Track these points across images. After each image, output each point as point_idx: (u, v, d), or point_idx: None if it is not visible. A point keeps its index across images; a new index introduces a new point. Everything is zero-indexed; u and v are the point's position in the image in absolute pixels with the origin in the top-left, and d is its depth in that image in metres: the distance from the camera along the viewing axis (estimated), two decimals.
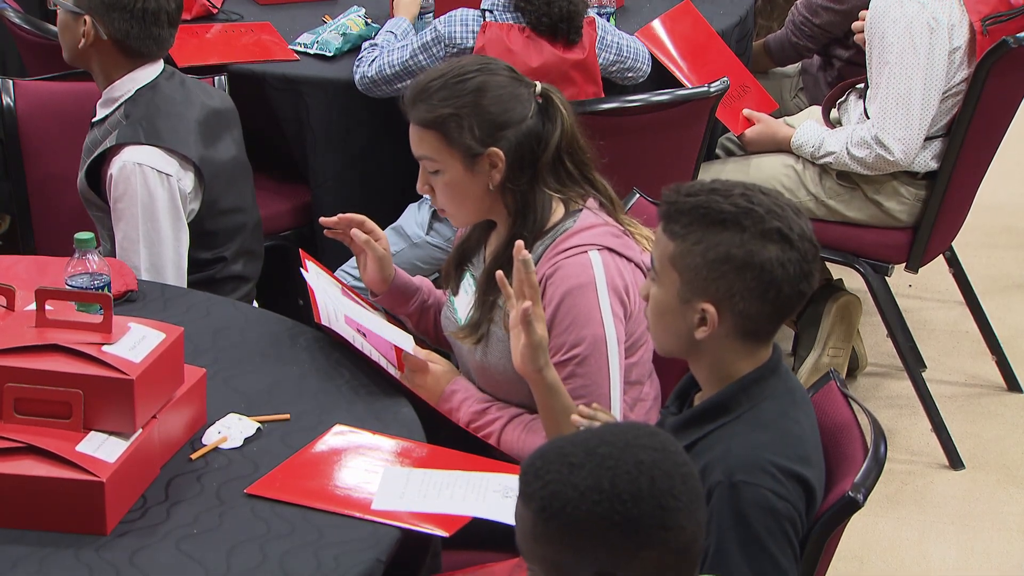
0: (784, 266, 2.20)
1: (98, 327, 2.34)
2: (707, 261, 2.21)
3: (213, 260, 3.35)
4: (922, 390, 4.14)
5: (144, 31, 3.23)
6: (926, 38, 3.82)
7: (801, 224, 2.23)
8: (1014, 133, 4.34)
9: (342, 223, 2.88)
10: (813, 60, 4.58)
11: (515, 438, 2.72)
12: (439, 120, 2.68)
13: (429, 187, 2.76)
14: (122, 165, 3.17)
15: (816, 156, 4.02)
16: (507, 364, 2.70)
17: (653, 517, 1.78)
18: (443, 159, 2.70)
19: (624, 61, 3.94)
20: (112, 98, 3.29)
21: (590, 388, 2.65)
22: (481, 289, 2.77)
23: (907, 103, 3.85)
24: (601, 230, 2.71)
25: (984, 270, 5.06)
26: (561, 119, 2.71)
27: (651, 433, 1.85)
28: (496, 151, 2.68)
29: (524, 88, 2.72)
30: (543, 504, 1.80)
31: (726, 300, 2.22)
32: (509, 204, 2.73)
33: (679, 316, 2.26)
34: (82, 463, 2.21)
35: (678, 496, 1.80)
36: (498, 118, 2.68)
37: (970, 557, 3.74)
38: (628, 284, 2.69)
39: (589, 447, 1.82)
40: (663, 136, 3.83)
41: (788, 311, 2.25)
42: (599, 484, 1.78)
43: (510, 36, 3.69)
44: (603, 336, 2.65)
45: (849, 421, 2.39)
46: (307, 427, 2.51)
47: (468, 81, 2.69)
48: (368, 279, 2.93)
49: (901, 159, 3.89)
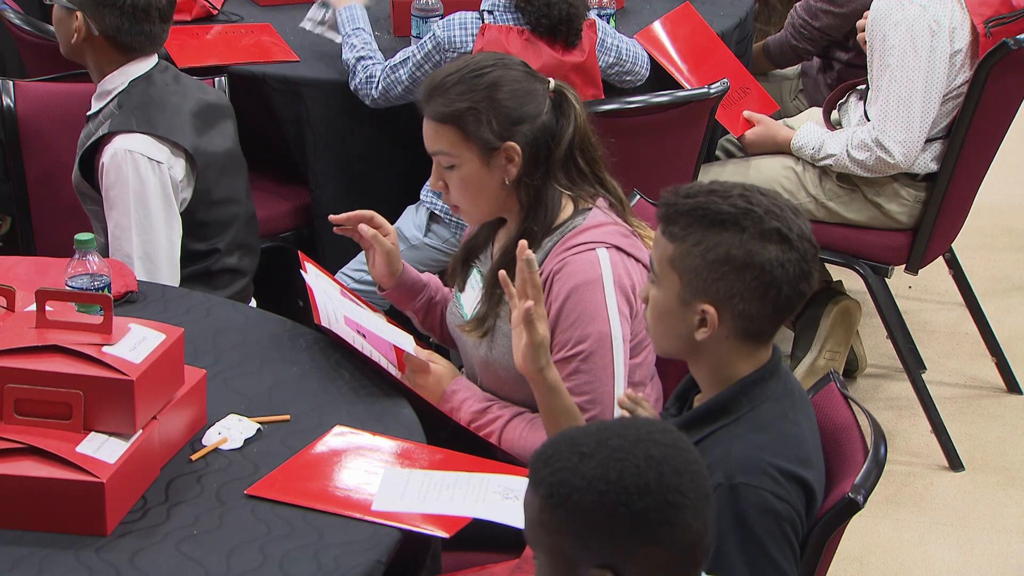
0: (784, 266, 2.20)
1: (98, 328, 2.34)
2: (707, 262, 2.21)
3: (207, 252, 3.35)
4: (922, 392, 4.14)
5: (135, 27, 3.24)
6: (927, 41, 3.82)
7: (800, 224, 2.23)
8: (1014, 135, 4.34)
9: (351, 220, 2.89)
10: (813, 62, 4.58)
11: (516, 436, 2.72)
12: (456, 114, 2.69)
13: (443, 183, 2.77)
14: (113, 153, 3.17)
15: (816, 158, 4.03)
16: (511, 360, 2.70)
17: (658, 512, 1.79)
18: (460, 153, 2.71)
19: (623, 64, 3.94)
20: (106, 91, 3.30)
21: (594, 385, 2.65)
22: (489, 283, 2.78)
23: (908, 106, 3.85)
24: (610, 228, 2.71)
25: (984, 272, 5.06)
26: (575, 116, 2.73)
27: (664, 429, 1.85)
28: (513, 145, 2.69)
29: (539, 84, 2.74)
30: (550, 491, 1.80)
31: (726, 301, 2.22)
32: (523, 200, 2.74)
33: (679, 318, 2.26)
34: (82, 464, 2.21)
35: (685, 493, 1.80)
36: (514, 112, 2.70)
37: (970, 558, 3.74)
38: (635, 283, 2.70)
39: (601, 438, 1.82)
40: (663, 137, 3.83)
41: (788, 311, 2.25)
42: (606, 475, 1.79)
43: (509, 38, 3.69)
44: (608, 333, 2.65)
45: (849, 422, 2.39)
46: (307, 428, 2.51)
47: (485, 76, 2.71)
48: (376, 274, 2.94)
49: (901, 162, 3.89)
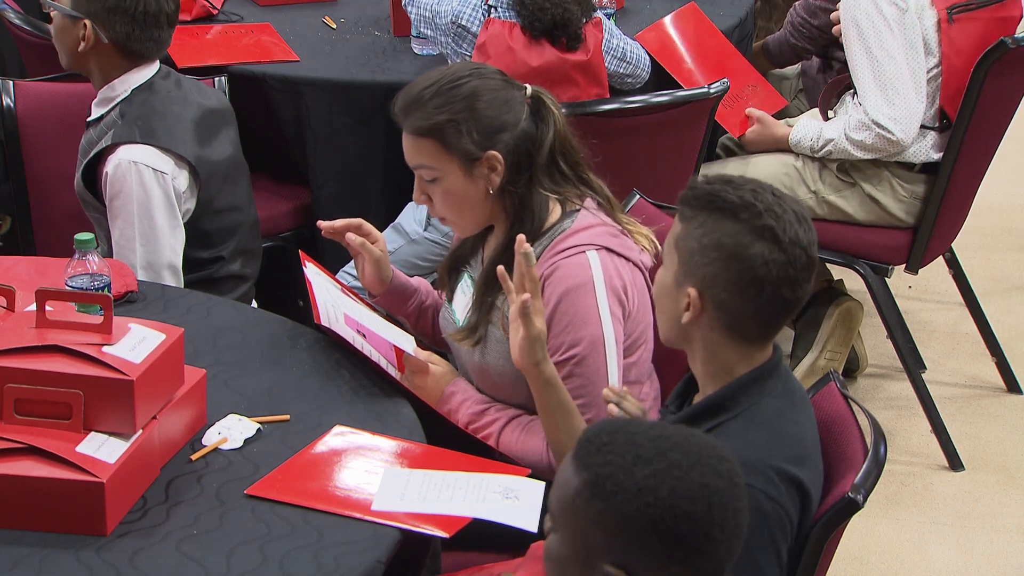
0: (767, 265, 2.20)
1: (98, 328, 2.34)
2: (700, 246, 2.23)
3: (211, 259, 3.35)
4: (922, 391, 4.14)
5: (145, 33, 3.23)
6: (899, 18, 3.88)
7: (799, 232, 2.22)
8: (1013, 135, 4.35)
9: (339, 229, 2.88)
10: (813, 62, 4.58)
11: (514, 439, 2.72)
12: (436, 127, 2.67)
13: (426, 197, 2.75)
14: (117, 163, 3.17)
15: (816, 149, 4.03)
16: (505, 365, 2.71)
17: (695, 540, 1.79)
18: (442, 166, 2.70)
19: (626, 66, 3.94)
20: (108, 98, 3.29)
21: (588, 388, 2.65)
22: (480, 291, 2.77)
23: (896, 81, 3.88)
24: (599, 230, 2.71)
25: (984, 272, 5.06)
26: (553, 120, 2.72)
27: (723, 457, 1.85)
28: (495, 154, 2.68)
29: (516, 91, 2.73)
30: (595, 479, 1.80)
31: (709, 287, 2.23)
32: (508, 208, 2.73)
33: (672, 299, 2.29)
34: (82, 464, 2.21)
35: (726, 530, 1.81)
36: (494, 121, 2.68)
37: (969, 558, 3.74)
38: (627, 284, 2.69)
39: (661, 447, 1.82)
40: (663, 137, 3.83)
41: (771, 315, 2.24)
42: (657, 489, 1.79)
43: (512, 34, 3.68)
44: (601, 336, 2.65)
45: (849, 422, 2.39)
46: (307, 428, 2.51)
47: (462, 87, 2.69)
48: (366, 281, 2.93)
49: (902, 138, 3.90)
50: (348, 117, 3.95)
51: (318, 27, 4.33)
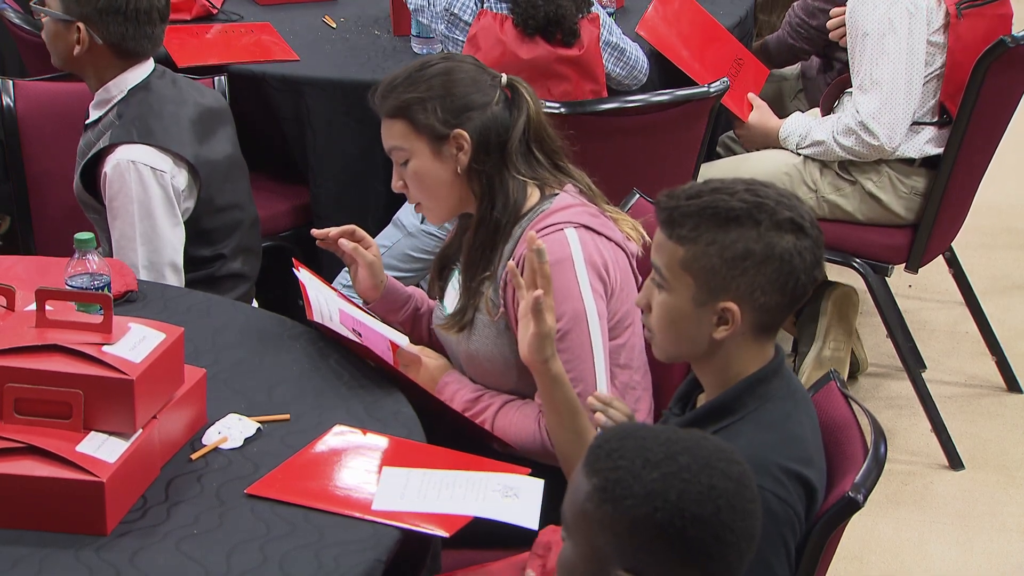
0: (801, 254, 2.20)
1: (98, 327, 2.34)
2: (724, 260, 2.19)
3: (212, 258, 3.35)
4: (922, 390, 4.14)
5: (139, 31, 3.23)
6: (906, 23, 3.86)
7: (804, 211, 2.24)
8: (1013, 134, 4.35)
9: (331, 236, 2.90)
10: (813, 63, 4.58)
11: (508, 422, 2.75)
12: (404, 106, 2.74)
13: (403, 182, 2.81)
14: (116, 163, 3.17)
15: (801, 146, 4.05)
16: (493, 350, 2.75)
17: (705, 544, 1.79)
18: (411, 144, 2.75)
19: (623, 66, 3.94)
20: (105, 99, 3.29)
21: (574, 363, 2.66)
22: (464, 275, 2.79)
23: (891, 88, 3.88)
24: (578, 209, 2.74)
25: (984, 271, 5.07)
26: (527, 108, 2.76)
27: (732, 460, 1.85)
28: (461, 132, 2.72)
29: (488, 76, 2.78)
30: (604, 484, 1.80)
31: (747, 296, 2.21)
32: (476, 189, 2.77)
33: (694, 321, 2.24)
34: (82, 463, 2.21)
35: (736, 532, 1.80)
36: (460, 100, 2.73)
37: (970, 557, 3.74)
38: (607, 261, 2.71)
39: (670, 450, 1.82)
40: (663, 136, 3.83)
41: (800, 300, 2.25)
42: (666, 493, 1.79)
43: (503, 27, 3.69)
44: (583, 311, 2.67)
45: (849, 421, 2.38)
46: (307, 427, 2.51)
47: (431, 68, 2.77)
48: (360, 288, 2.95)
49: (886, 143, 3.91)
50: (348, 116, 3.95)
51: (318, 26, 4.34)
